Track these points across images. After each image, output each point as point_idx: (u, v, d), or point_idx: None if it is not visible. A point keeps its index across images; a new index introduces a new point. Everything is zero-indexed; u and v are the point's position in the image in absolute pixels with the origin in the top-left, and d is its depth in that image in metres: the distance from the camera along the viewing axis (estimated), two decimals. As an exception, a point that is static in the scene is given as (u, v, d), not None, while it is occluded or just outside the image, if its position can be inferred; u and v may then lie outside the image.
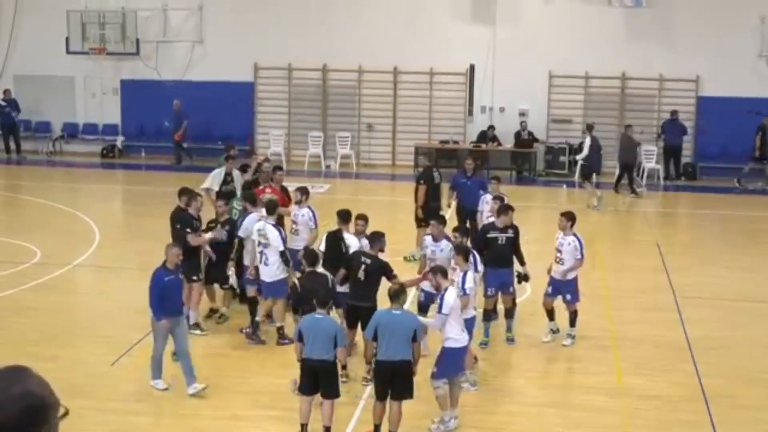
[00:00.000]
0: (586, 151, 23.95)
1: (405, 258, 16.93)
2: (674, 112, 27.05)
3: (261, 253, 12.91)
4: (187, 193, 13.85)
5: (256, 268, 13.14)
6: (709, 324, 14.60)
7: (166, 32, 29.60)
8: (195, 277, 13.37)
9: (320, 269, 12.01)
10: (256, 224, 13.04)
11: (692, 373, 12.35)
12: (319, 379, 10.05)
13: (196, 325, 13.42)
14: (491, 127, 28.01)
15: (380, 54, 28.29)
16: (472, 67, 28.03)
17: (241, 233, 13.46)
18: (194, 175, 20.57)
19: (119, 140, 30.31)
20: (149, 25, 29.50)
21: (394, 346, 9.90)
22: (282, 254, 12.77)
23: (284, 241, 12.92)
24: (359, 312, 11.71)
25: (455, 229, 13.04)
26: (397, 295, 10.22)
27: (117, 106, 30.42)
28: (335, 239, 12.87)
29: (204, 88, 28.89)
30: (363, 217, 13.10)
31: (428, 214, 16.05)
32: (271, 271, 12.85)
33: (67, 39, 29.31)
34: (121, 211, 24.32)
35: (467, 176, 17.29)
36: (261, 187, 15.17)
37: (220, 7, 29.16)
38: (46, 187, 25.69)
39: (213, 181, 16.36)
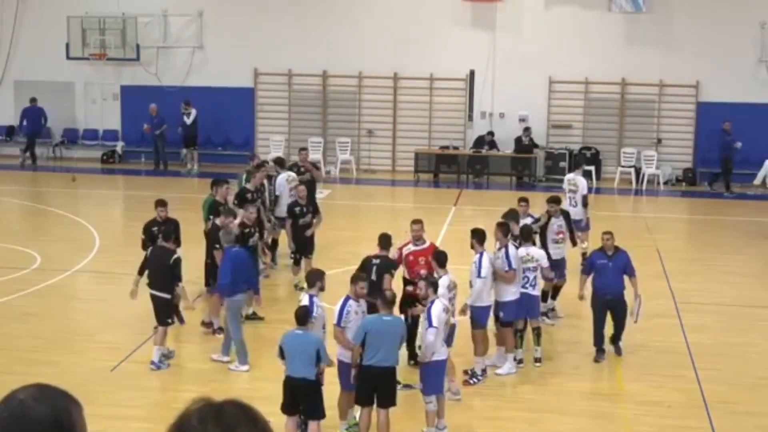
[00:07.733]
0: (192, 119, 27.99)
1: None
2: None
3: (570, 198, 16.75)
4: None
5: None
6: (709, 330, 14.59)
7: (166, 38, 29.59)
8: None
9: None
10: (567, 176, 17.75)
11: (693, 379, 12.35)
12: (299, 399, 9.74)
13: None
14: (490, 133, 27.97)
15: (380, 60, 28.28)
16: (472, 73, 28.01)
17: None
18: (194, 181, 20.59)
19: (119, 146, 30.28)
20: (149, 31, 29.50)
21: (384, 353, 9.79)
22: (584, 199, 16.78)
23: (590, 189, 16.89)
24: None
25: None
26: (391, 301, 10.12)
27: (117, 112, 30.40)
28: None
29: (204, 93, 28.87)
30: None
31: None
32: (579, 211, 16.52)
33: (67, 45, 29.31)
34: (121, 216, 24.29)
35: (608, 256, 13.51)
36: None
37: (220, 13, 29.16)
38: (46, 193, 25.68)
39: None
